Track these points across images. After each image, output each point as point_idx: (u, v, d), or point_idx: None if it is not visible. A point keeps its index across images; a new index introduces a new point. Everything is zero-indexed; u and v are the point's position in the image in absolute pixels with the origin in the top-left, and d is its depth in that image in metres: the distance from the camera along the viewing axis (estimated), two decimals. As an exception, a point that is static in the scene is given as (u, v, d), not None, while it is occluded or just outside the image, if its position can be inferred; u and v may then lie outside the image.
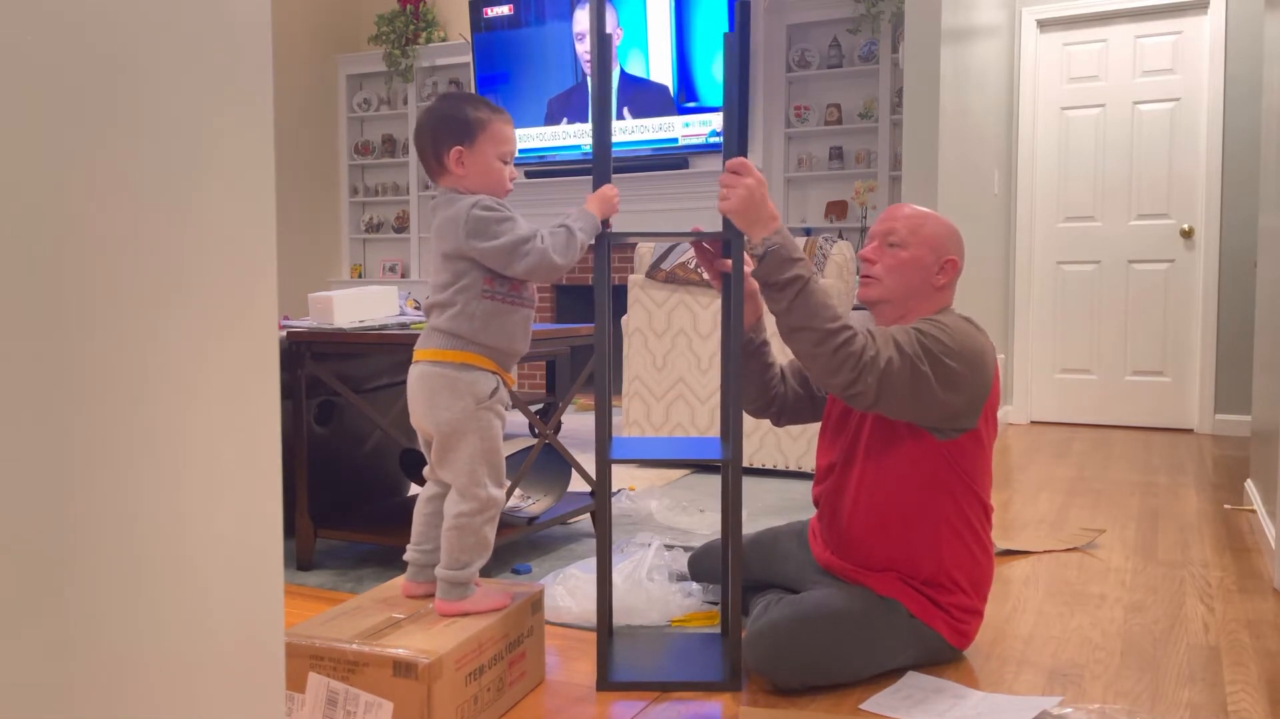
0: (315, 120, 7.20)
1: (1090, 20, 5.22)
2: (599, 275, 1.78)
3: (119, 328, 0.60)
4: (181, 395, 0.64)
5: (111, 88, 0.59)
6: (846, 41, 5.70)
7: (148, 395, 0.62)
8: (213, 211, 0.66)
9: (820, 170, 5.77)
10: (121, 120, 0.60)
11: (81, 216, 0.58)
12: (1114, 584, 2.45)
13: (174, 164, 0.63)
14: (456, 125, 1.74)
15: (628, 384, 4.08)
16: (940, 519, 1.82)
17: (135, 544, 0.62)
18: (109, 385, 0.60)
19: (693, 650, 1.91)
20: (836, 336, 1.69)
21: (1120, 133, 5.20)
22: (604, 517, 1.83)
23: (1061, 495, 3.50)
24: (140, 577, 0.63)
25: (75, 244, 0.57)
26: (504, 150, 1.77)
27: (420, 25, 6.89)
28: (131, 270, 0.61)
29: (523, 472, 2.62)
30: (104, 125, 0.59)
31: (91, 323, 0.58)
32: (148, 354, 0.62)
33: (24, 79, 0.55)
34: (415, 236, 7.07)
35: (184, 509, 0.65)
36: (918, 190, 3.56)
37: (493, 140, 1.75)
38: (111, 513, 0.60)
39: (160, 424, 0.63)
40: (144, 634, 0.63)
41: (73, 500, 0.58)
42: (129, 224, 0.60)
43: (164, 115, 0.63)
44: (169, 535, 0.65)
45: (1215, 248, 4.98)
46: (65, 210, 0.57)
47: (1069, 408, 5.37)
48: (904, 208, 1.92)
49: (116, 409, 0.60)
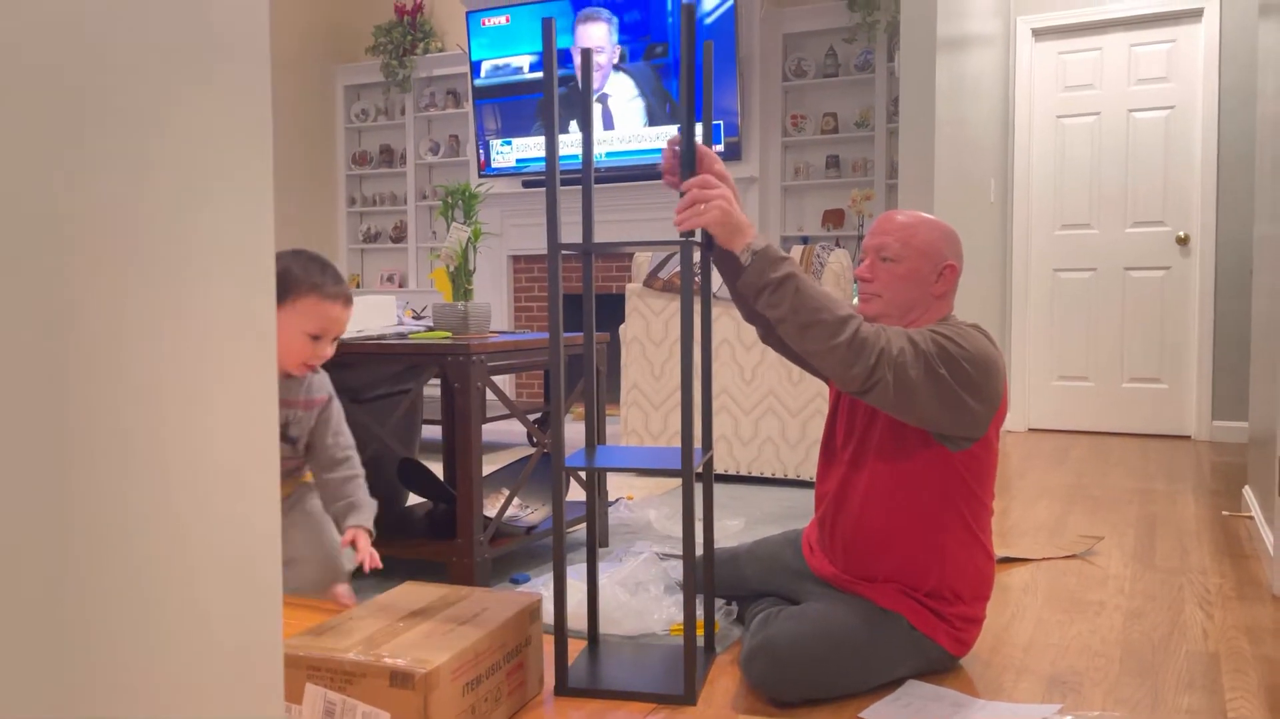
0: (313, 131, 7.21)
1: (1085, 29, 5.24)
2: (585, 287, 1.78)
3: (116, 339, 0.60)
4: (178, 406, 0.65)
5: (109, 98, 0.60)
6: (842, 51, 5.72)
7: (144, 406, 0.62)
8: (210, 222, 0.66)
9: (817, 179, 5.78)
10: (118, 130, 0.60)
11: (78, 226, 0.58)
12: (1113, 591, 2.45)
13: (171, 174, 0.64)
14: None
15: (626, 393, 4.08)
16: (947, 530, 1.81)
17: (132, 555, 0.62)
18: (104, 398, 0.60)
19: (670, 661, 1.90)
20: (848, 324, 1.65)
21: (1115, 141, 5.22)
22: (559, 528, 1.82)
23: (1060, 502, 3.50)
24: (137, 587, 0.63)
25: (72, 254, 0.57)
26: (312, 328, 1.62)
27: (418, 36, 6.90)
28: (128, 281, 0.61)
29: (521, 481, 2.62)
30: (101, 135, 0.59)
31: (88, 333, 0.58)
32: (144, 365, 0.62)
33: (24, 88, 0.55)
34: (413, 247, 7.08)
35: (181, 520, 0.65)
36: (914, 198, 3.57)
37: (301, 314, 1.60)
38: (107, 524, 0.61)
39: (157, 435, 0.63)
40: (141, 646, 0.63)
41: (68, 511, 0.58)
42: (126, 236, 0.61)
43: (161, 125, 0.63)
44: (167, 546, 0.65)
45: (1211, 255, 4.99)
46: (61, 221, 0.57)
47: (1067, 415, 5.37)
48: (894, 217, 1.87)
49: (112, 421, 0.60)
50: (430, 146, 7.03)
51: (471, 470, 2.40)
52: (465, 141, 6.86)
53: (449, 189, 2.66)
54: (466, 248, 2.63)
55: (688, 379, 1.70)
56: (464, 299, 2.67)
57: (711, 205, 1.69)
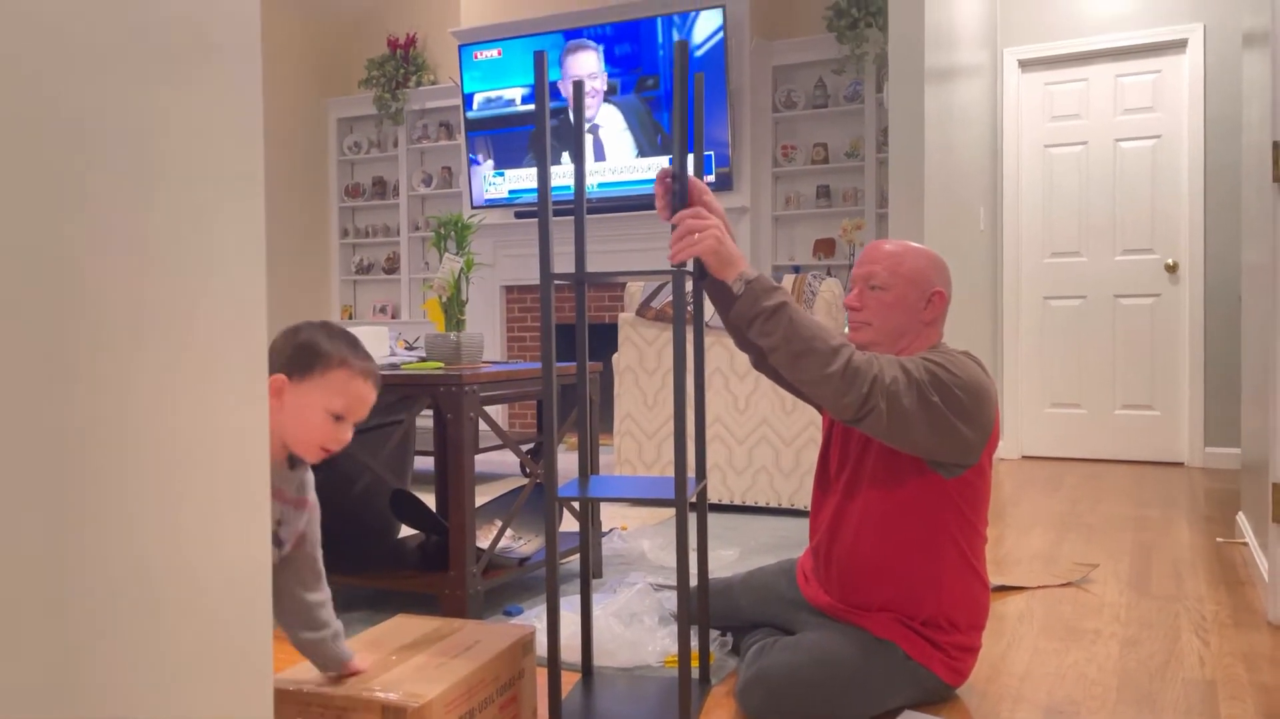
0: (306, 163, 7.24)
1: (1071, 60, 5.31)
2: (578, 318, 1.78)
3: (105, 371, 0.60)
4: (166, 441, 0.64)
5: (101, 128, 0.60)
6: (832, 82, 5.77)
7: (131, 441, 0.62)
8: (201, 254, 0.66)
9: (808, 208, 5.82)
10: (109, 163, 0.60)
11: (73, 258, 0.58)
12: (1109, 619, 2.44)
13: (162, 206, 0.64)
14: (297, 350, 1.47)
15: (619, 422, 4.07)
16: (942, 558, 1.80)
17: (116, 589, 0.61)
18: (89, 434, 0.59)
19: (665, 693, 1.89)
20: (841, 353, 1.66)
21: (1103, 170, 5.26)
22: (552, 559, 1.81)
23: (1054, 530, 3.49)
24: (121, 624, 0.62)
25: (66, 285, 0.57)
26: (338, 406, 1.48)
27: (410, 69, 6.96)
28: (117, 314, 0.61)
29: (514, 512, 2.61)
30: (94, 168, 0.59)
31: (77, 366, 0.58)
32: (133, 398, 0.62)
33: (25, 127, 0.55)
34: (406, 278, 7.09)
35: (167, 554, 0.65)
36: (905, 227, 3.59)
37: (327, 389, 1.46)
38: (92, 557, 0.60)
39: (143, 470, 0.63)
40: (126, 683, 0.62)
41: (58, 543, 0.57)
42: (118, 268, 0.61)
43: (151, 157, 0.63)
44: (151, 581, 0.64)
45: (1200, 282, 5.03)
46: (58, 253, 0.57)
47: (1060, 442, 5.38)
48: (882, 246, 1.88)
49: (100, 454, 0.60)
50: (423, 178, 7.06)
51: (464, 501, 2.39)
52: (458, 173, 6.89)
53: (441, 220, 2.67)
54: (459, 278, 2.64)
55: (681, 408, 1.70)
56: (456, 329, 2.67)
57: (705, 236, 1.70)
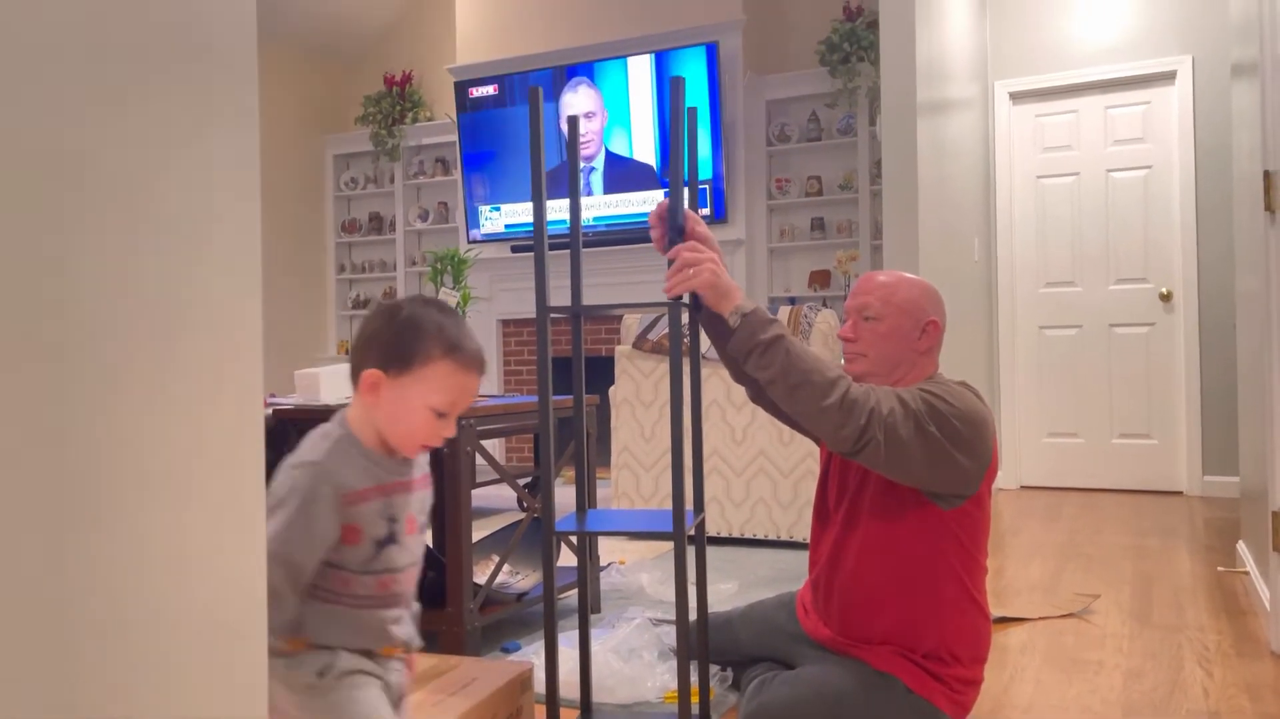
0: (302, 199, 7.27)
1: (1061, 92, 5.36)
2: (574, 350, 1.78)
3: (101, 407, 0.60)
4: (161, 479, 0.64)
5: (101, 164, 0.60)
6: (825, 115, 5.82)
7: (126, 477, 0.62)
8: (199, 289, 0.66)
9: (803, 240, 5.84)
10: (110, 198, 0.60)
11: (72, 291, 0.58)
12: (1111, 650, 2.42)
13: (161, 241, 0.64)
14: (396, 337, 1.34)
15: (616, 455, 4.06)
16: (942, 590, 1.79)
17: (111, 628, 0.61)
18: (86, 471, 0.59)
19: None
20: (839, 385, 1.65)
21: (1095, 200, 5.30)
22: (550, 594, 1.80)
23: (1054, 560, 3.48)
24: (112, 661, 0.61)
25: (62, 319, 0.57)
26: (438, 401, 1.33)
27: (407, 106, 7.01)
28: (115, 348, 0.61)
29: (511, 547, 2.59)
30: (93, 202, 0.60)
31: (73, 402, 0.58)
32: (127, 434, 0.62)
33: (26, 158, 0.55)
34: (402, 312, 7.09)
35: (163, 594, 0.64)
36: (899, 259, 3.60)
37: (429, 384, 1.33)
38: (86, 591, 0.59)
39: (139, 508, 0.62)
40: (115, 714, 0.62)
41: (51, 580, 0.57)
42: (116, 302, 0.61)
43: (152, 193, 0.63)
44: (146, 620, 0.63)
45: (1195, 311, 5.04)
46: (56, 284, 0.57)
47: (1058, 472, 5.37)
48: (875, 278, 1.89)
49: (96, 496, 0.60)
50: (419, 213, 7.09)
51: (461, 537, 2.38)
52: (454, 208, 6.92)
53: (438, 255, 2.68)
54: (455, 313, 2.64)
55: (678, 441, 1.69)
56: (453, 364, 2.66)
57: (701, 270, 1.70)
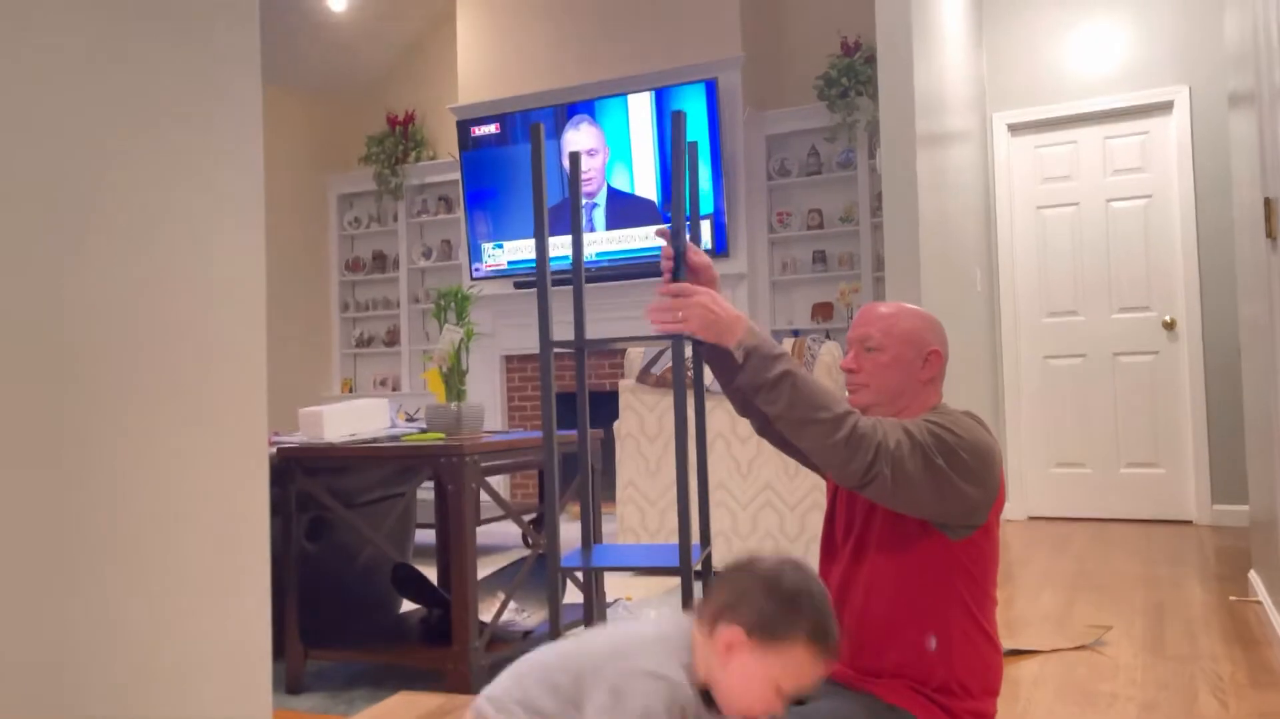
0: (307, 238, 7.32)
1: (1059, 124, 5.39)
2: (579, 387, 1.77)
3: (110, 442, 0.60)
4: (168, 513, 0.64)
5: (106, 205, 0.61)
6: (824, 149, 5.86)
7: (133, 512, 0.62)
8: (205, 328, 0.67)
9: (804, 273, 5.86)
10: (116, 238, 0.61)
11: (75, 329, 0.58)
12: (1124, 682, 2.39)
13: (166, 282, 0.64)
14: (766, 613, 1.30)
15: (621, 490, 4.05)
16: (952, 622, 1.77)
17: (117, 665, 0.60)
18: (95, 503, 0.59)
19: None
20: (845, 422, 1.64)
21: (1096, 230, 5.31)
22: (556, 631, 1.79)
23: (1065, 591, 3.45)
24: (120, 700, 0.61)
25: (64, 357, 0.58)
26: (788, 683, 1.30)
27: (410, 145, 7.07)
28: (124, 387, 0.61)
29: (516, 584, 2.58)
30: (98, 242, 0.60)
31: (83, 438, 0.58)
32: (134, 470, 0.61)
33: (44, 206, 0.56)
34: (406, 350, 7.11)
35: (169, 630, 0.64)
36: (901, 290, 3.61)
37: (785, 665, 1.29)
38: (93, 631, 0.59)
39: (146, 542, 0.62)
40: None
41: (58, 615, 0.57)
42: (120, 338, 0.61)
43: (157, 233, 0.64)
44: (150, 657, 0.63)
45: (1199, 338, 5.04)
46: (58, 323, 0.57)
47: (1066, 502, 5.34)
48: (876, 308, 1.89)
49: (100, 525, 0.59)
50: (422, 251, 7.13)
51: (466, 574, 2.36)
52: (457, 245, 6.96)
53: (442, 292, 2.69)
54: (459, 348, 2.65)
55: (683, 474, 1.69)
56: (457, 400, 2.67)
57: (688, 315, 1.70)
